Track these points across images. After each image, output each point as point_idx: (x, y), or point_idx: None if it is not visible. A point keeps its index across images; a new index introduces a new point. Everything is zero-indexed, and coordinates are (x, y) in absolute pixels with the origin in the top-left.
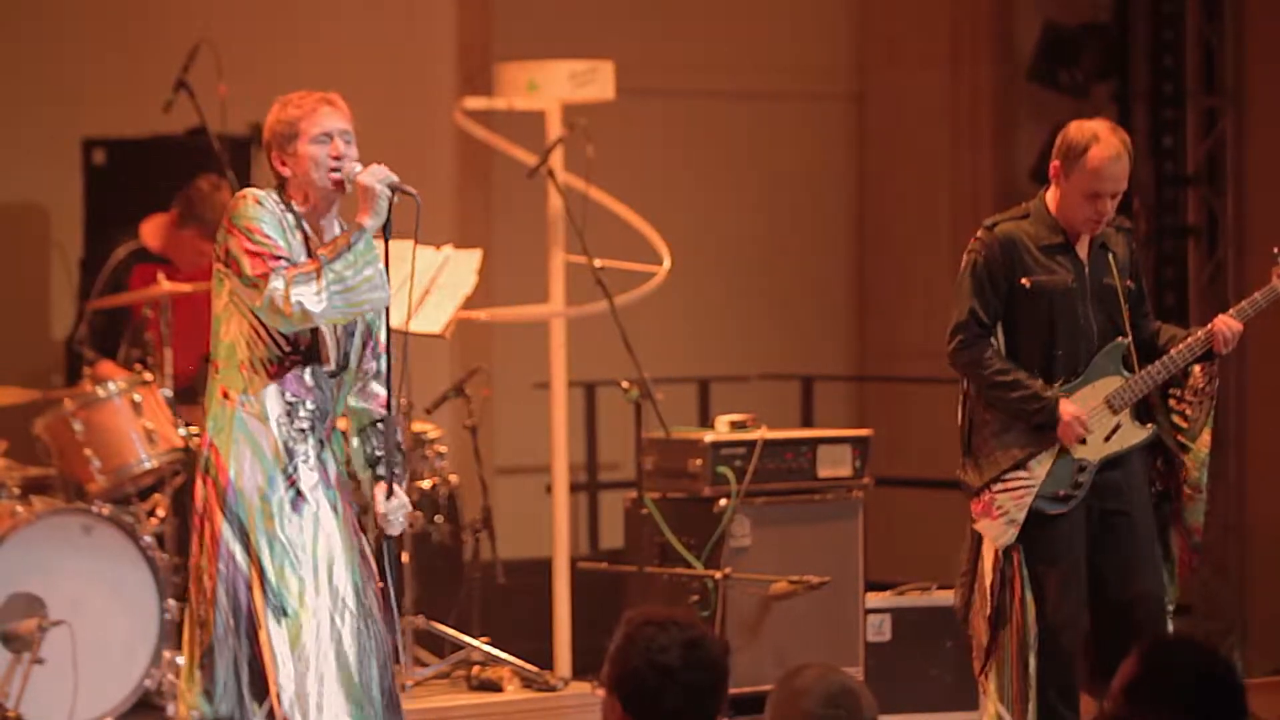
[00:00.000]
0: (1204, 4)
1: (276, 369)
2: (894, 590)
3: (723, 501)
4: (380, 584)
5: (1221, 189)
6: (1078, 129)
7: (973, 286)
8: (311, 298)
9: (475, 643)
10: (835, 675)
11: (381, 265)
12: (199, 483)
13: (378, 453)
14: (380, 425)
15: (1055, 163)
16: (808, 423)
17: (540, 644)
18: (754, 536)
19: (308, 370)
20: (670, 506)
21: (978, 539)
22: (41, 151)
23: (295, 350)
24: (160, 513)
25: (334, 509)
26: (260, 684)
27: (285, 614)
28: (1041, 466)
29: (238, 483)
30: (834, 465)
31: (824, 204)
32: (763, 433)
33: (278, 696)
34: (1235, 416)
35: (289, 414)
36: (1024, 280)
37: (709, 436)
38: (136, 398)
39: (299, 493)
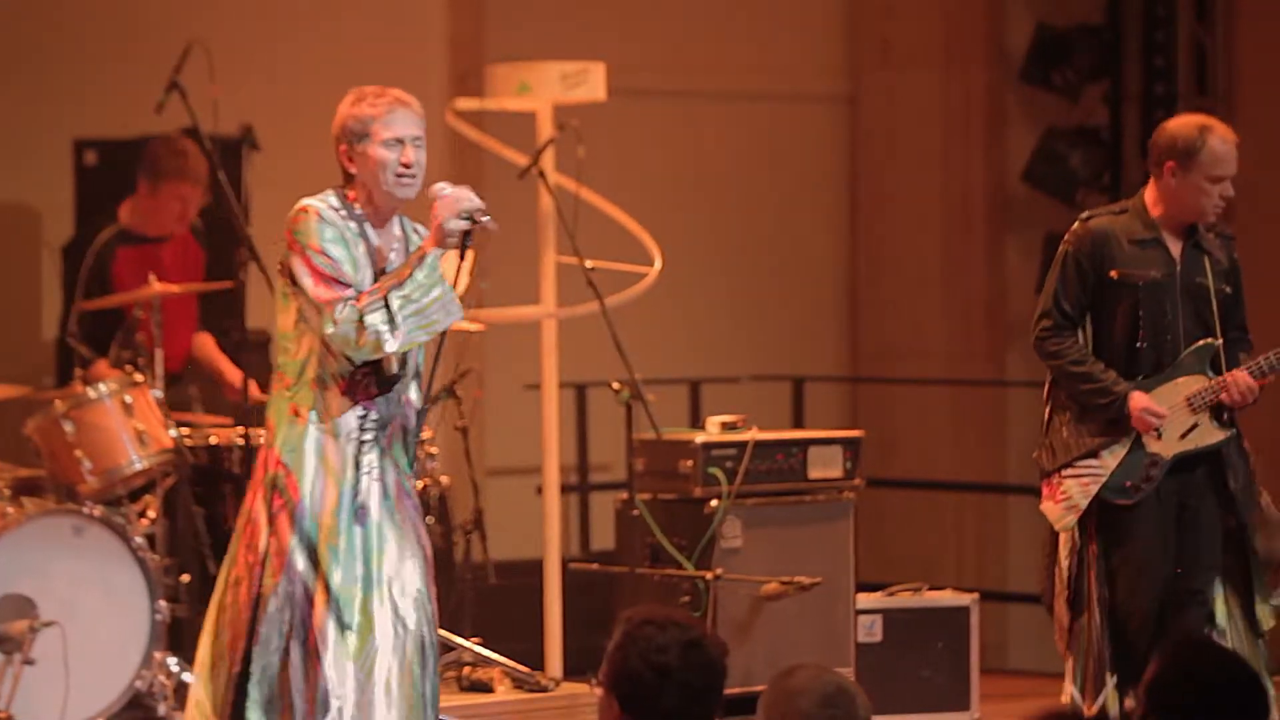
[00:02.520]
0: (1196, 6)
1: (346, 383)
2: (885, 591)
3: (714, 502)
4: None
5: None
6: (1182, 124)
7: (1060, 276)
8: (386, 329)
9: (466, 644)
10: (830, 675)
11: (449, 285)
12: (259, 497)
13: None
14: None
15: (1170, 162)
16: (799, 424)
17: (531, 645)
18: (745, 537)
19: (374, 382)
20: (661, 507)
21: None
22: (33, 152)
23: (368, 363)
24: (151, 514)
25: (392, 519)
26: (318, 703)
27: (349, 627)
28: (1114, 457)
29: (310, 502)
30: (825, 466)
31: (815, 204)
32: (754, 434)
33: (339, 710)
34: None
35: (359, 427)
36: (1112, 272)
37: (700, 437)
38: (127, 399)
39: (363, 506)
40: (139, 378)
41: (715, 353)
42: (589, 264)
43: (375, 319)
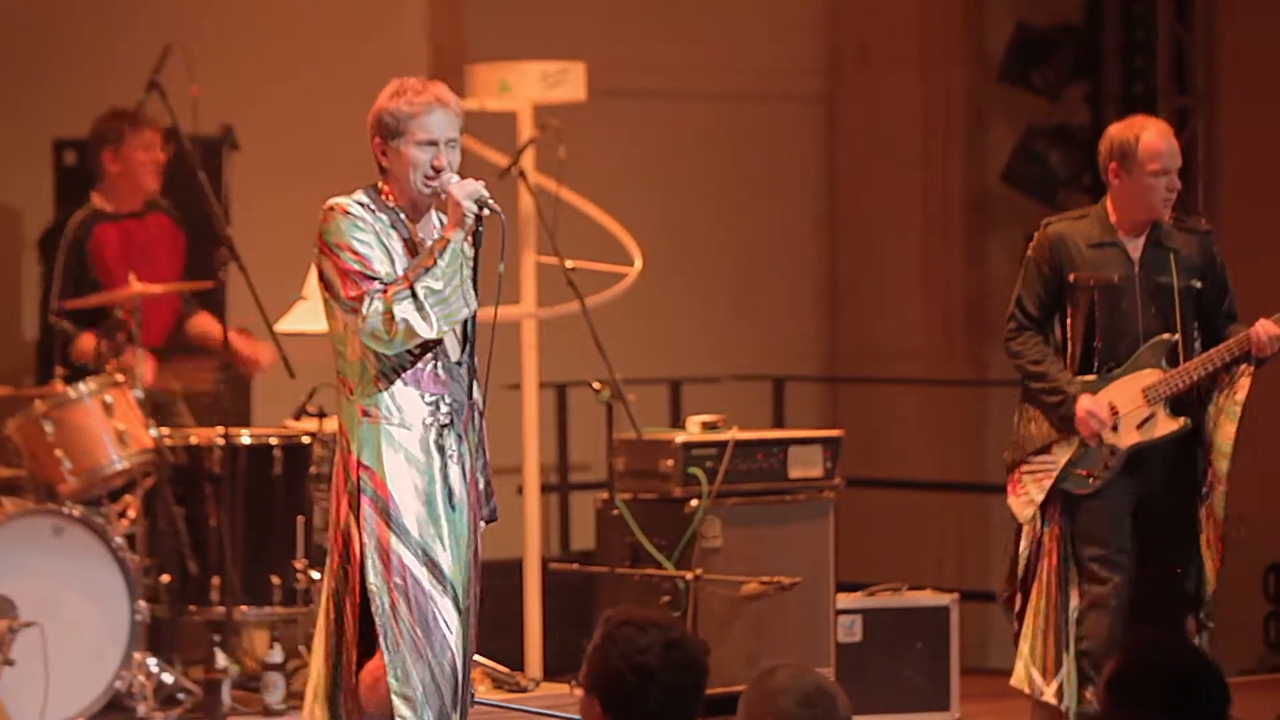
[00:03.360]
0: (1175, 5)
1: (412, 375)
2: (865, 591)
3: (694, 502)
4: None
5: (1193, 190)
6: (1119, 127)
7: (1023, 279)
8: (416, 316)
9: None
10: (810, 675)
11: (468, 274)
12: (345, 506)
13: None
14: None
15: (1112, 164)
16: (779, 423)
17: (511, 645)
18: (725, 537)
19: (439, 365)
20: (641, 507)
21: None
22: (12, 152)
23: (424, 349)
24: (131, 514)
25: (468, 502)
26: (461, 690)
27: (463, 611)
28: (1063, 453)
29: (399, 495)
30: (805, 466)
31: (795, 205)
32: (734, 433)
33: (472, 695)
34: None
35: (433, 413)
36: (1070, 275)
37: (680, 437)
38: (108, 399)
39: (451, 489)
40: (119, 378)
41: (695, 352)
42: (569, 264)
43: (404, 308)
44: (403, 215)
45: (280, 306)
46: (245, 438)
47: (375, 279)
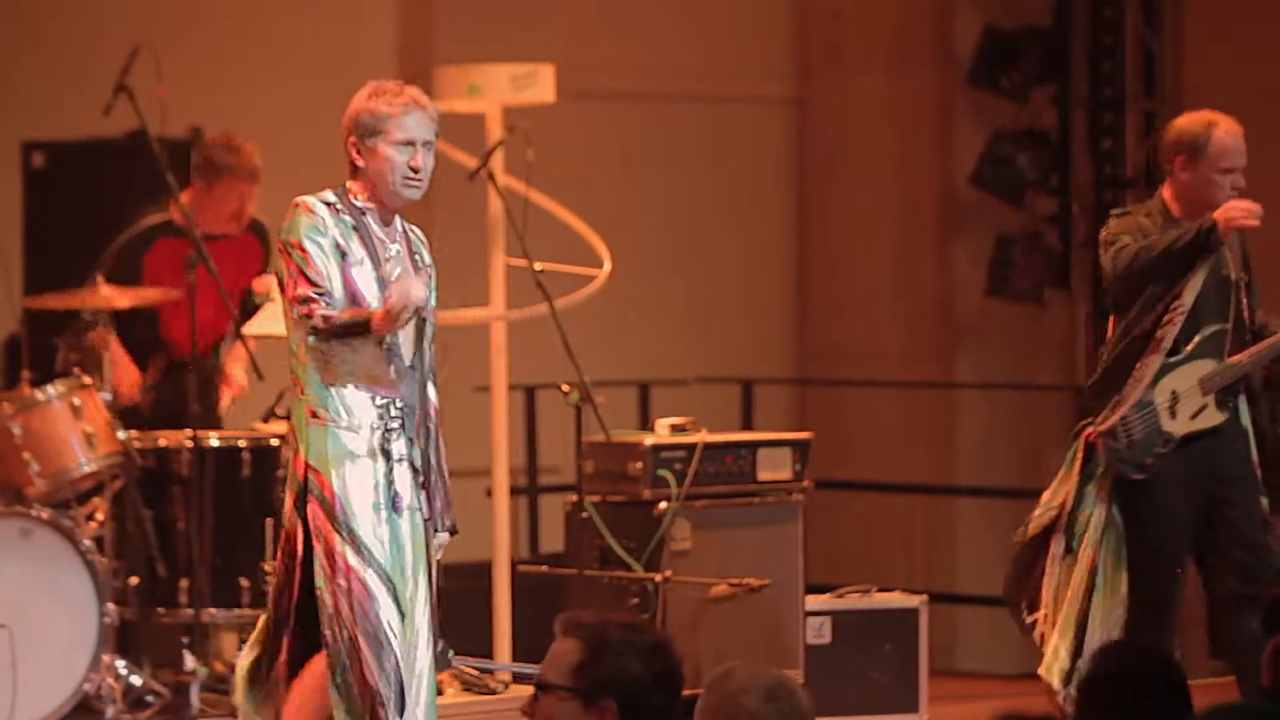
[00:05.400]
0: (1143, 9)
1: (358, 377)
2: (834, 593)
3: (663, 504)
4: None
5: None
6: (1189, 120)
7: (1116, 233)
8: (313, 337)
9: None
10: (766, 671)
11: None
12: (294, 507)
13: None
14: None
15: (1180, 157)
16: (748, 426)
17: (481, 647)
18: (694, 539)
19: (391, 367)
20: (610, 510)
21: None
22: None
23: (377, 353)
24: (99, 516)
25: (419, 506)
26: (398, 694)
27: (405, 616)
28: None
29: (345, 497)
30: (774, 468)
31: (764, 207)
32: (703, 436)
33: (417, 693)
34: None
35: (381, 416)
36: None
37: (649, 439)
38: (76, 401)
39: (397, 494)
40: (87, 380)
41: (664, 355)
42: (538, 266)
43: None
44: (368, 216)
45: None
46: (213, 440)
47: (318, 286)
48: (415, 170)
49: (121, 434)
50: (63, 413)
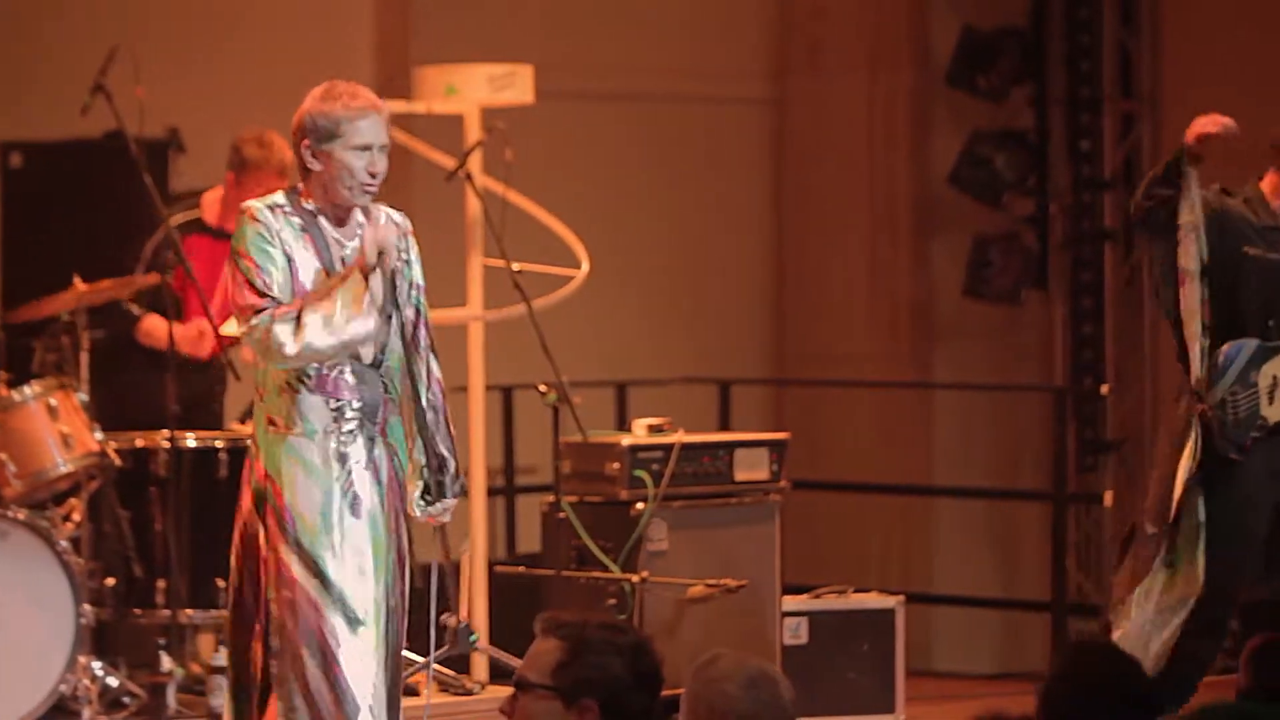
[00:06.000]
0: (1120, 9)
1: (316, 381)
2: (811, 593)
3: (640, 505)
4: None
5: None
6: None
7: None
8: (290, 340)
9: None
10: (751, 660)
11: (367, 300)
12: (250, 511)
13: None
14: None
15: None
16: (725, 426)
17: (458, 647)
18: (671, 540)
19: (348, 370)
20: (587, 510)
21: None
22: None
23: (352, 354)
24: (76, 517)
25: (383, 507)
26: (345, 705)
27: (361, 623)
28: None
29: (295, 507)
30: (751, 468)
31: (742, 208)
32: (680, 436)
33: (370, 709)
34: (1150, 417)
35: (336, 420)
36: (1246, 249)
37: (626, 440)
38: (52, 402)
39: (356, 496)
40: (64, 381)
41: (641, 355)
42: (516, 266)
43: (282, 330)
44: (320, 218)
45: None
46: (190, 441)
47: (266, 294)
48: (374, 176)
49: (98, 434)
50: (39, 413)
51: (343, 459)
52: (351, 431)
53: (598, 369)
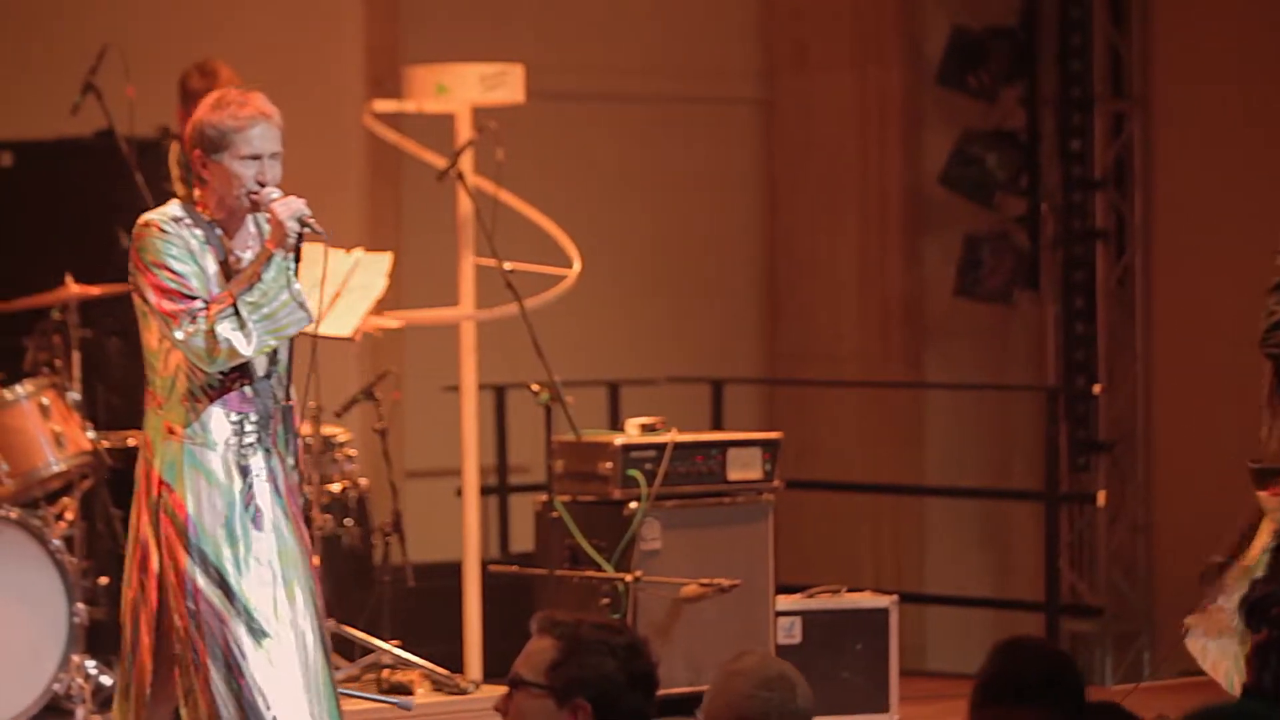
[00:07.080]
0: (1111, 9)
1: (217, 392)
2: (804, 593)
3: (633, 504)
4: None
5: (1129, 193)
6: None
7: None
8: (238, 336)
9: (386, 646)
10: (776, 663)
11: (297, 286)
12: (145, 520)
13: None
14: None
15: None
16: (718, 426)
17: (451, 647)
18: (664, 539)
19: (244, 382)
20: (580, 509)
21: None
22: None
23: (235, 369)
24: (69, 516)
25: (286, 515)
26: (249, 717)
27: (265, 634)
28: None
29: (198, 517)
30: (744, 468)
31: (733, 207)
32: (673, 436)
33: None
34: (1142, 417)
35: (237, 434)
36: None
37: (619, 439)
38: (44, 401)
39: (258, 509)
40: (56, 380)
41: (634, 355)
42: (508, 266)
43: (225, 327)
44: (218, 230)
45: None
46: None
47: (195, 297)
48: (262, 185)
49: (90, 433)
50: (31, 412)
51: (244, 471)
52: (251, 444)
53: (590, 368)
